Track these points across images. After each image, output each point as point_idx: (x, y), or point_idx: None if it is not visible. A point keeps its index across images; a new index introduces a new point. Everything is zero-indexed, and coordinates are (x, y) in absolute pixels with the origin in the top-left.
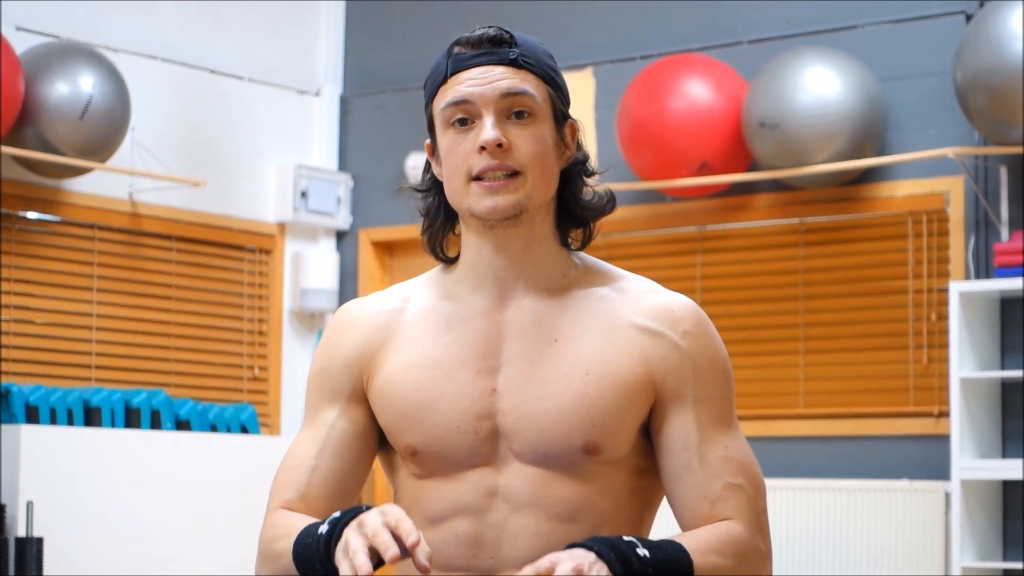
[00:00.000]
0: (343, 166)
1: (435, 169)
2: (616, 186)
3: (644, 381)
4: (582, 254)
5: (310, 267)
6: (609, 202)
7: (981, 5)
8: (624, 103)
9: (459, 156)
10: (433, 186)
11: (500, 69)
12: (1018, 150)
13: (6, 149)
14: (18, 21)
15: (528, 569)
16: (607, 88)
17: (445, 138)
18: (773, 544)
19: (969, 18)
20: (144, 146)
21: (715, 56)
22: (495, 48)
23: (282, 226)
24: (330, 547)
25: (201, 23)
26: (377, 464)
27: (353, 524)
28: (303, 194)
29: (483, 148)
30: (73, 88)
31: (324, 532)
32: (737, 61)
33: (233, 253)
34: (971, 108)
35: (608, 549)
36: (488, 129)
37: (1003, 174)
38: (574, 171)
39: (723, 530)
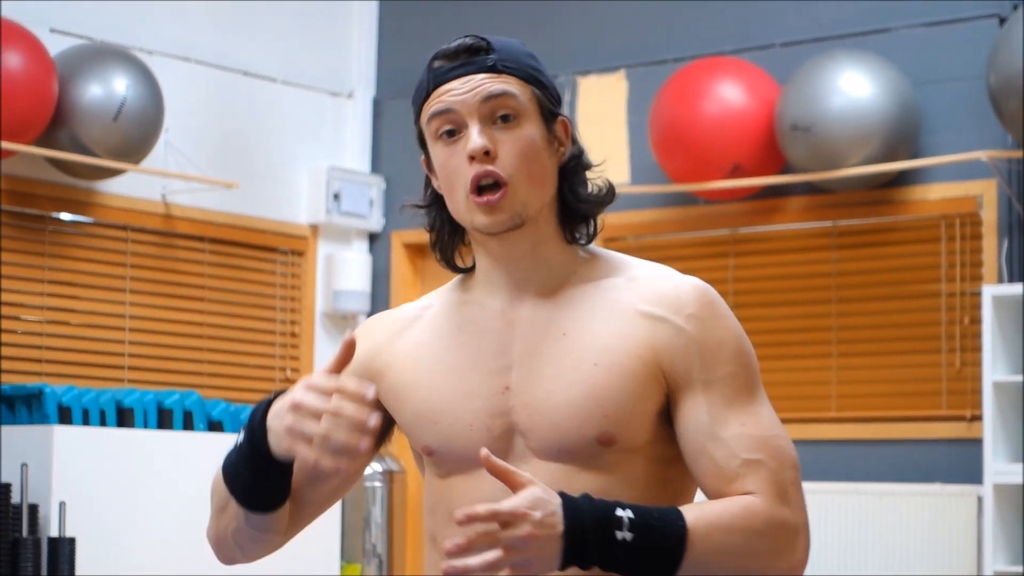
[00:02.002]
0: (376, 168)
1: (434, 183)
2: (648, 188)
3: (653, 368)
4: (591, 247)
5: (343, 269)
6: (608, 193)
7: (1015, 8)
8: (656, 106)
9: (452, 169)
10: (435, 200)
11: (480, 76)
12: None
13: (40, 151)
14: (52, 23)
15: (482, 507)
16: (639, 91)
17: (436, 151)
18: None
19: (1003, 21)
20: (177, 148)
21: (748, 59)
22: (472, 57)
23: (315, 228)
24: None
25: (234, 25)
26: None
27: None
28: (336, 196)
29: (472, 157)
30: (107, 90)
31: (242, 435)
32: (770, 64)
33: (266, 255)
34: (1004, 111)
35: (578, 512)
36: (474, 137)
37: None
38: (571, 167)
39: (739, 505)
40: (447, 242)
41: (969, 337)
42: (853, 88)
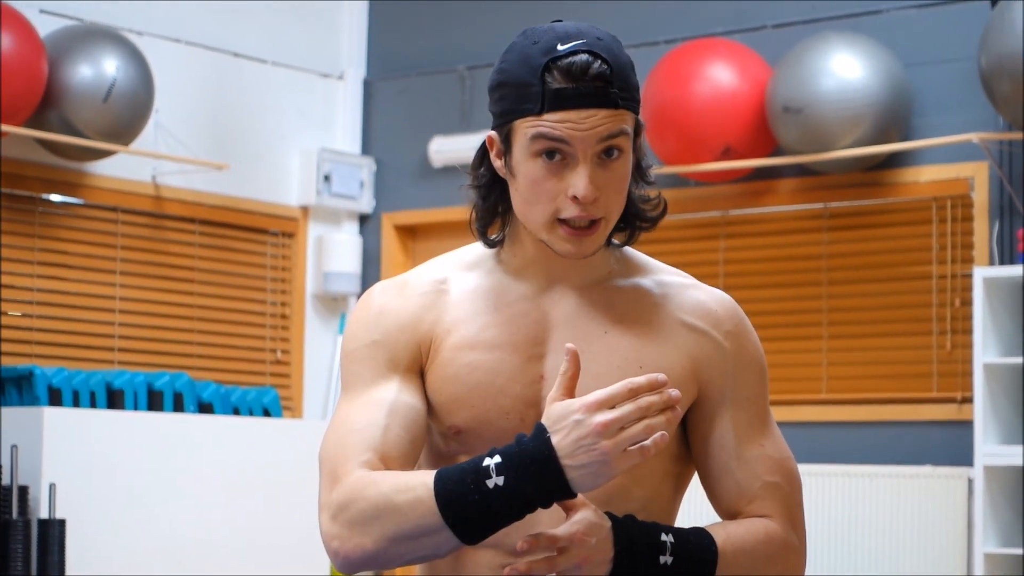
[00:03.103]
0: (366, 150)
1: (496, 164)
2: None
3: (690, 377)
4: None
5: (333, 251)
6: (664, 209)
7: None
8: (648, 87)
9: (546, 193)
10: (492, 181)
11: (603, 113)
12: None
13: (30, 132)
14: (42, 4)
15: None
16: None
17: (529, 165)
18: None
19: (994, 3)
20: (167, 129)
21: (739, 41)
22: (600, 87)
23: (305, 210)
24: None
25: (225, 6)
26: None
27: (590, 427)
28: (326, 178)
29: (575, 198)
30: (97, 71)
31: (500, 457)
32: (761, 46)
33: (256, 237)
34: (996, 93)
35: (628, 537)
36: (584, 182)
37: None
38: (635, 174)
39: (760, 529)
40: (491, 218)
41: (960, 319)
42: (844, 70)
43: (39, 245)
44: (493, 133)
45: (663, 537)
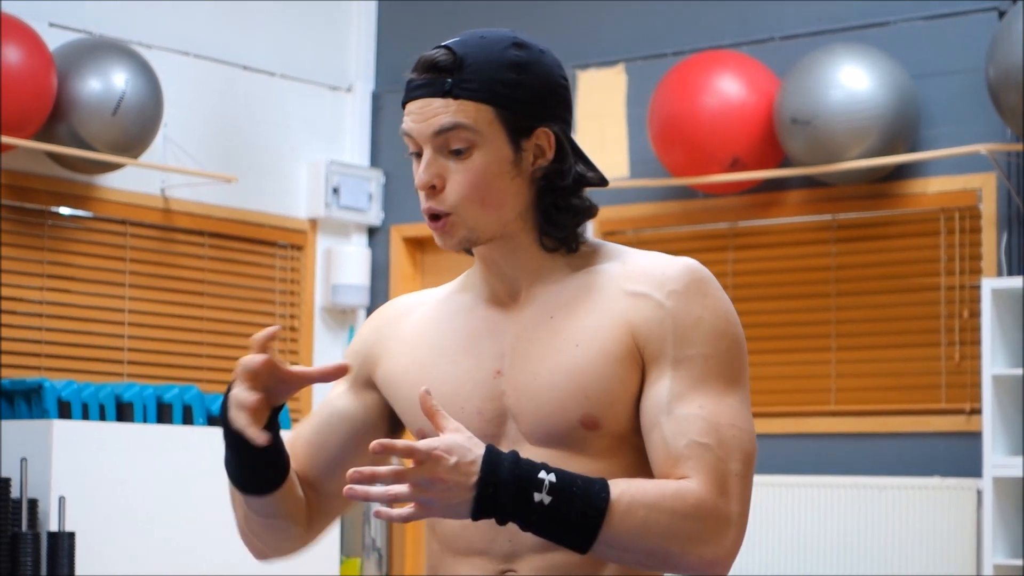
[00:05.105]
0: (375, 162)
1: None
2: (648, 182)
3: (630, 346)
4: (590, 240)
5: (342, 263)
6: (586, 211)
7: (1014, 1)
8: (656, 99)
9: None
10: None
11: (437, 103)
12: None
13: (39, 145)
14: (51, 17)
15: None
16: (639, 84)
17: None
18: (805, 541)
19: (1002, 14)
20: (176, 142)
21: (747, 52)
22: (434, 77)
23: (314, 222)
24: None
25: (233, 19)
26: None
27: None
28: (335, 190)
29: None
30: (106, 84)
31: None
32: (769, 57)
33: (265, 249)
34: (1003, 105)
35: (496, 467)
36: (419, 173)
37: None
38: (550, 178)
39: (671, 486)
40: None
41: (968, 330)
42: (852, 81)
43: (48, 258)
44: None
45: (542, 475)
